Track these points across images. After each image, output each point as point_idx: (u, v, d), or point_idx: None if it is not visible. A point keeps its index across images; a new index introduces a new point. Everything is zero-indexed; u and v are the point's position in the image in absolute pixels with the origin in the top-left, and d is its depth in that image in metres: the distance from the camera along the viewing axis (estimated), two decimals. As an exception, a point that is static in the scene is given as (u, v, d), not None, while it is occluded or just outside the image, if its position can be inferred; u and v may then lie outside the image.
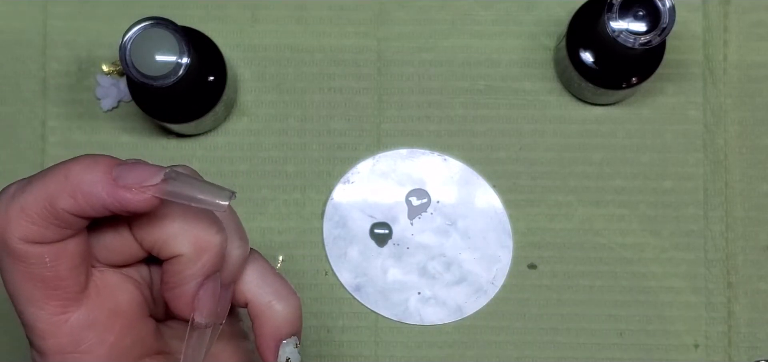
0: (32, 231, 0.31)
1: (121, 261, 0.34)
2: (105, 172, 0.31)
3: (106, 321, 0.34)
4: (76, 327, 0.33)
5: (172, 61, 0.47)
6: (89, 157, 0.32)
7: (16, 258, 0.32)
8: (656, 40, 0.49)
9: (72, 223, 0.31)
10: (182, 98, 0.52)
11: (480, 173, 0.56)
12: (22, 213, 0.31)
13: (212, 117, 0.54)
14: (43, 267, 0.32)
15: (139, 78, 0.47)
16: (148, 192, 0.31)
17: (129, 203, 0.31)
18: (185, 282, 0.33)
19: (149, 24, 0.47)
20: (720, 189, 0.57)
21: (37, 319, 0.33)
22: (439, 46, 0.57)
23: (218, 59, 0.53)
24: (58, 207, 0.31)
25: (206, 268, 0.33)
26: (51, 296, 0.32)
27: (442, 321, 0.56)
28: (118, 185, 0.31)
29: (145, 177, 0.31)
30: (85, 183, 0.31)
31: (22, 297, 0.33)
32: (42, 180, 0.31)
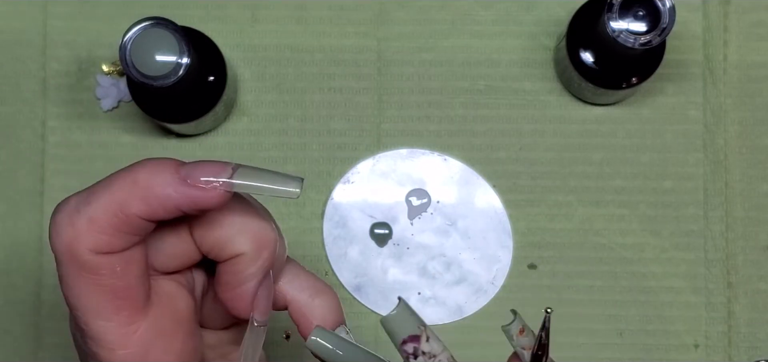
0: (102, 241, 0.31)
1: (177, 266, 0.34)
2: (173, 172, 0.31)
3: (170, 329, 0.33)
4: (145, 337, 0.33)
5: (172, 61, 0.47)
6: (153, 161, 0.32)
7: (86, 270, 0.31)
8: (656, 40, 0.49)
9: (142, 229, 0.32)
10: (182, 98, 0.52)
11: (480, 173, 0.56)
12: (91, 224, 0.31)
13: (212, 117, 0.54)
14: (114, 278, 0.32)
15: (139, 78, 0.47)
16: (220, 187, 0.31)
17: (201, 200, 0.31)
18: (246, 281, 0.33)
19: (149, 24, 0.47)
20: (720, 189, 0.57)
21: (107, 331, 0.32)
22: (439, 46, 0.57)
23: (218, 59, 0.53)
24: (130, 213, 0.31)
25: (265, 266, 0.34)
26: (121, 307, 0.32)
27: (443, 321, 0.56)
28: (189, 184, 0.31)
29: (215, 172, 0.32)
30: (157, 186, 0.31)
31: (89, 310, 0.32)
32: (107, 188, 0.31)
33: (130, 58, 0.47)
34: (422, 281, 0.56)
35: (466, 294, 0.56)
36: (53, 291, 0.56)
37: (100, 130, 0.57)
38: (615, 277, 0.56)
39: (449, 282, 0.56)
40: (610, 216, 0.57)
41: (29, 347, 0.56)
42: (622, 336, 0.56)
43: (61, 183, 0.56)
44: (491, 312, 0.56)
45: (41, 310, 0.56)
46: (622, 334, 0.56)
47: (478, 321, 0.56)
